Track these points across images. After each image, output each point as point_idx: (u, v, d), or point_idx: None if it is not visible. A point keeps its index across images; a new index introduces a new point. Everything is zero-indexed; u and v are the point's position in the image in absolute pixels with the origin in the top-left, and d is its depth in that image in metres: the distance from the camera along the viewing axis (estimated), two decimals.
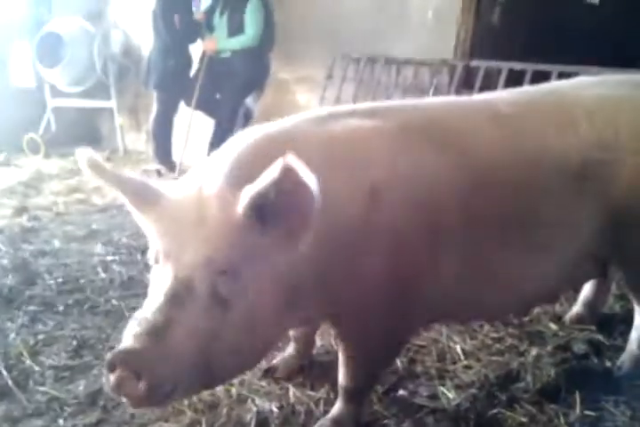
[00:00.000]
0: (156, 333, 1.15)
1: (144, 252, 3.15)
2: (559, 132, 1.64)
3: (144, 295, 2.85)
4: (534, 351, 2.14)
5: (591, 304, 2.31)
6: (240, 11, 4.76)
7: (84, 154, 1.30)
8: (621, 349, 2.11)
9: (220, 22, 4.85)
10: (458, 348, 2.20)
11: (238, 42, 4.74)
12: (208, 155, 3.91)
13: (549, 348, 2.16)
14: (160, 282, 1.23)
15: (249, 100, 5.24)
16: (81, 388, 1.98)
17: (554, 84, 1.87)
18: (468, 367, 2.10)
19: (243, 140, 1.46)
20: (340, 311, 1.49)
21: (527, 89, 1.88)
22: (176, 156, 5.09)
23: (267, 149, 1.36)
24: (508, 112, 1.65)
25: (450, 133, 1.57)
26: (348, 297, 1.44)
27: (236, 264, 1.21)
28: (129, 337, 1.16)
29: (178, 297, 1.19)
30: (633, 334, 2.01)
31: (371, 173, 1.41)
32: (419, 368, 2.11)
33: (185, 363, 1.17)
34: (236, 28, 4.77)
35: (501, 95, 1.84)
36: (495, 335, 2.29)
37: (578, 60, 3.45)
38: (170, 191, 1.32)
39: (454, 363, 2.13)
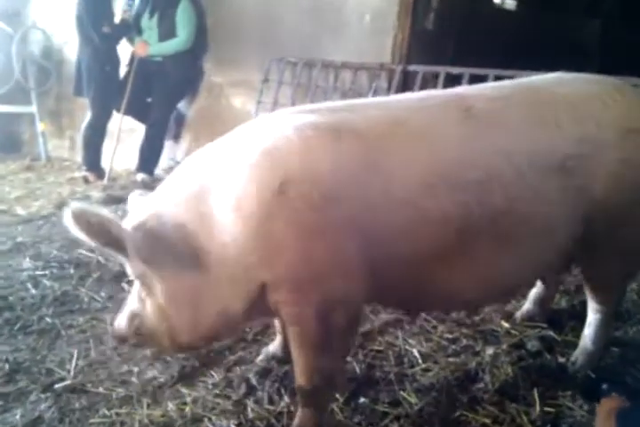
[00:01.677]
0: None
1: (77, 265, 2.99)
2: (539, 127, 1.62)
3: (80, 312, 2.66)
4: (490, 351, 2.15)
5: (541, 301, 2.35)
6: (170, 13, 4.62)
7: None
8: (573, 344, 2.15)
9: (150, 24, 4.68)
10: (415, 351, 2.18)
11: (170, 46, 4.59)
12: (138, 161, 3.83)
13: (504, 346, 2.18)
14: None
15: (181, 105, 5.09)
16: (17, 417, 1.81)
17: (532, 80, 1.84)
18: (426, 370, 2.09)
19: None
20: (277, 298, 1.55)
21: (504, 84, 1.84)
22: (105, 163, 4.87)
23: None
24: (482, 107, 1.62)
25: (408, 130, 1.55)
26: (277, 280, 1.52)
27: (137, 276, 1.62)
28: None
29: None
30: (586, 331, 2.05)
31: (281, 171, 1.47)
32: (377, 373, 2.07)
33: (127, 332, 1.71)
34: (167, 31, 4.62)
35: (477, 89, 1.80)
36: (450, 336, 2.29)
37: (507, 65, 3.57)
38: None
39: (412, 366, 2.11)
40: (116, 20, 4.74)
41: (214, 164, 1.57)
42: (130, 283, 2.67)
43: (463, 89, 1.87)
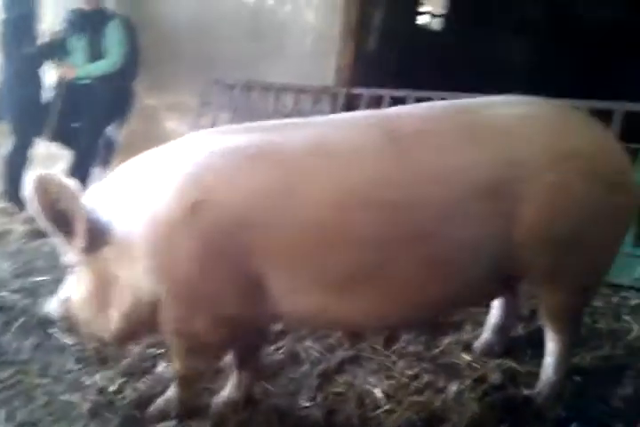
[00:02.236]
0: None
1: (0, 309, 2.70)
2: (467, 150, 1.59)
3: (4, 364, 2.39)
4: (454, 387, 2.06)
5: (500, 330, 2.28)
6: (100, 33, 4.39)
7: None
8: (535, 374, 2.10)
9: (78, 45, 4.44)
10: (376, 391, 2.06)
11: (99, 67, 4.36)
12: None
13: (468, 381, 2.09)
14: None
15: (110, 130, 4.84)
16: None
17: (465, 102, 1.82)
18: (390, 412, 1.97)
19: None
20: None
21: (436, 105, 1.81)
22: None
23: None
24: (408, 128, 1.61)
25: (324, 151, 1.56)
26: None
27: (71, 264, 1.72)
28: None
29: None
30: (547, 360, 1.99)
31: (196, 191, 1.53)
32: (339, 418, 1.94)
33: (61, 312, 1.81)
34: (96, 52, 4.39)
35: (406, 110, 1.79)
36: (410, 372, 2.18)
37: (445, 85, 3.59)
38: None
39: (375, 408, 1.99)
40: (42, 40, 4.46)
41: (135, 176, 1.67)
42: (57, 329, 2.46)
43: (393, 109, 1.83)
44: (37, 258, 3.31)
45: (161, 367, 2.20)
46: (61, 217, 1.55)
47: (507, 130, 1.64)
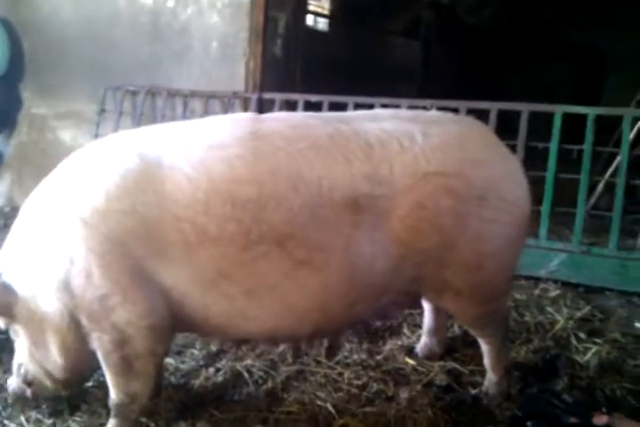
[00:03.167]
0: None
1: None
2: (330, 160, 1.62)
3: None
4: (404, 393, 2.05)
5: (435, 332, 2.31)
6: None
7: None
8: (478, 372, 2.16)
9: None
10: (328, 405, 2.01)
11: None
12: None
13: (417, 387, 2.09)
14: None
15: None
16: None
17: (352, 114, 1.87)
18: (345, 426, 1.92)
19: None
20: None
21: (323, 115, 1.88)
22: None
23: None
24: (274, 131, 1.64)
25: (187, 150, 1.60)
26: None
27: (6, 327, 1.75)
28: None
29: None
30: (485, 361, 2.05)
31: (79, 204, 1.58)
32: None
33: (19, 383, 1.81)
34: None
35: (285, 116, 1.82)
36: (359, 382, 2.15)
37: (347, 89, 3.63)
38: None
39: (329, 425, 1.93)
40: None
41: (37, 206, 1.67)
42: None
43: (271, 114, 1.87)
44: None
45: (93, 401, 2.01)
46: None
47: (370, 147, 1.66)
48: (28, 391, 1.80)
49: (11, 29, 4.20)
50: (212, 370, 2.22)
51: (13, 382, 1.83)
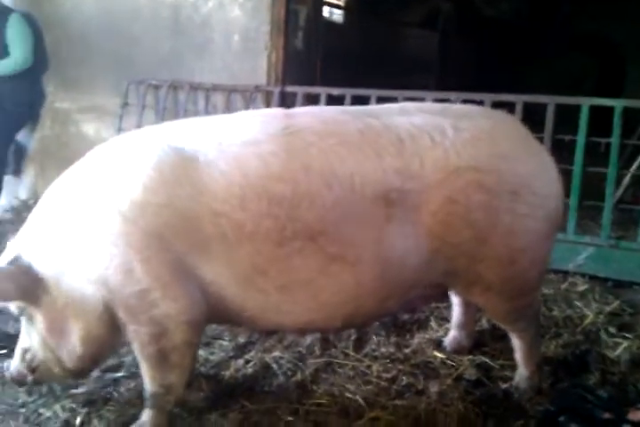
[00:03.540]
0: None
1: None
2: (361, 155, 1.62)
3: None
4: (435, 388, 2.05)
5: (464, 326, 2.30)
6: (1, 31, 4.01)
7: None
8: (508, 367, 2.15)
9: None
10: (358, 398, 2.01)
11: (7, 65, 3.98)
12: None
13: (448, 380, 2.09)
14: None
15: (21, 135, 4.46)
16: None
17: (380, 107, 1.86)
18: (375, 419, 1.92)
19: None
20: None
21: (351, 109, 1.85)
22: None
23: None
24: (306, 127, 1.64)
25: (223, 145, 1.61)
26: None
27: (19, 311, 1.72)
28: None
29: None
30: (516, 355, 2.04)
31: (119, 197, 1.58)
32: None
33: (22, 369, 1.79)
34: None
35: (315, 111, 1.83)
36: (388, 375, 2.15)
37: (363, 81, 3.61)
38: None
39: (360, 417, 1.93)
40: None
41: (66, 194, 1.68)
42: (2, 357, 2.22)
43: (301, 110, 1.87)
44: None
45: (125, 391, 2.03)
46: None
47: (401, 141, 1.65)
48: (29, 378, 1.79)
49: (34, 24, 4.22)
50: (241, 361, 2.23)
51: (12, 366, 1.81)
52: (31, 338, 1.75)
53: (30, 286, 1.64)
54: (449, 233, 1.67)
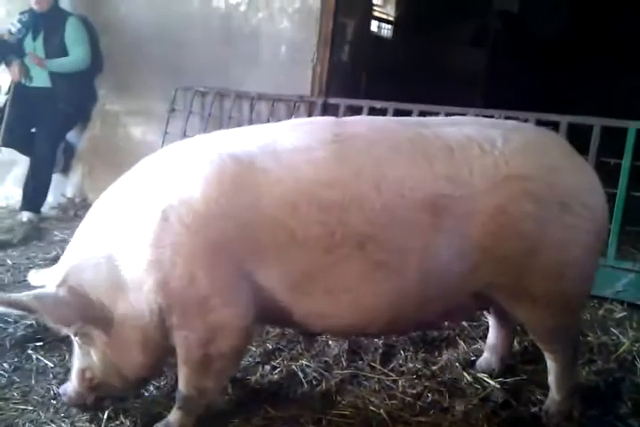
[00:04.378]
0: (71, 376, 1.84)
1: None
2: (411, 162, 1.65)
3: None
4: (460, 406, 2.02)
5: (497, 349, 2.26)
6: (58, 33, 4.21)
7: None
8: (537, 391, 2.10)
9: (34, 46, 4.21)
10: (382, 412, 2.00)
11: (68, 63, 4.16)
12: (22, 198, 3.99)
13: (475, 401, 2.06)
14: None
15: (70, 135, 4.62)
16: None
17: (426, 119, 1.91)
18: None
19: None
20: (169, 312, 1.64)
21: (398, 119, 1.91)
22: None
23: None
24: (356, 134, 1.67)
25: (275, 150, 1.64)
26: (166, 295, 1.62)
27: (75, 329, 1.71)
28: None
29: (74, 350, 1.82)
30: (550, 378, 1.99)
31: (162, 199, 1.61)
32: None
33: (83, 389, 1.80)
34: (55, 53, 4.19)
35: (364, 120, 1.89)
36: (413, 391, 2.13)
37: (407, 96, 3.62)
38: None
39: None
40: None
41: (115, 204, 1.71)
42: (37, 349, 2.29)
43: (352, 118, 1.89)
44: (1, 272, 3.09)
45: (154, 389, 2.07)
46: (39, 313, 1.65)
47: (450, 150, 1.67)
48: (91, 398, 1.81)
49: (90, 28, 4.39)
50: (268, 367, 2.25)
51: (70, 390, 1.82)
52: (89, 357, 1.76)
53: (85, 306, 1.66)
54: (497, 243, 1.65)
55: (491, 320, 2.25)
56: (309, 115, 3.70)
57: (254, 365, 2.27)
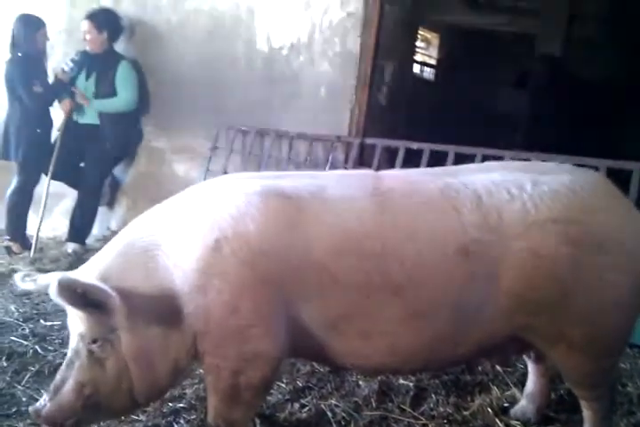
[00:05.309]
0: (54, 389, 1.67)
1: (11, 356, 2.56)
2: (440, 211, 1.70)
3: (18, 416, 2.30)
4: None
5: (535, 398, 2.21)
6: (109, 74, 4.43)
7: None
8: None
9: (86, 86, 4.45)
10: None
11: (113, 103, 4.37)
12: (68, 230, 4.11)
13: None
14: None
15: (117, 170, 4.81)
16: None
17: (458, 167, 1.96)
18: None
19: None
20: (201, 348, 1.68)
21: (430, 170, 2.02)
22: (31, 230, 4.44)
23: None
24: (392, 186, 1.76)
25: (325, 197, 1.71)
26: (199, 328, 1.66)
27: (101, 335, 1.64)
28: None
29: (71, 361, 1.68)
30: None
31: (216, 229, 1.65)
32: None
33: (74, 407, 1.64)
34: (105, 93, 4.41)
35: (400, 173, 2.01)
36: None
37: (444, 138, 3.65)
38: None
39: None
40: (50, 80, 4.46)
41: (162, 222, 1.74)
42: None
43: (389, 172, 2.01)
44: (45, 301, 3.19)
45: (184, 422, 2.09)
46: (92, 304, 1.57)
47: (478, 196, 1.71)
48: (72, 420, 1.64)
49: (140, 71, 4.62)
50: (297, 405, 2.25)
51: (52, 405, 1.63)
52: (99, 369, 1.65)
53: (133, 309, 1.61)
54: (530, 287, 1.65)
55: (530, 367, 2.21)
56: (346, 155, 3.78)
57: (283, 402, 2.28)
